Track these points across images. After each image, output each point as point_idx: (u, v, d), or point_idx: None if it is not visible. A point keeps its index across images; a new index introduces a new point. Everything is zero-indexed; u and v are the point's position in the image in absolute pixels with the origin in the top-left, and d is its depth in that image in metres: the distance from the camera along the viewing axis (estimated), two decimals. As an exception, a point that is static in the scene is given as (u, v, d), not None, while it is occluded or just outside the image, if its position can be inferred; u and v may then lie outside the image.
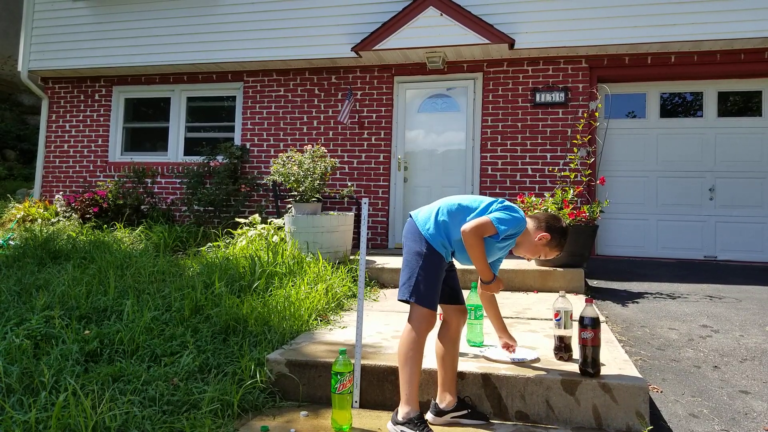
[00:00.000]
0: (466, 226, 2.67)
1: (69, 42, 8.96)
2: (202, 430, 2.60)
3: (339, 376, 2.66)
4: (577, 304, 3.79)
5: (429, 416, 2.79)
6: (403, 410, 2.61)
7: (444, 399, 2.78)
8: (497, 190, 7.64)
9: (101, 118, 9.32)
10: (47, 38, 9.07)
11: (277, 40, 8.10)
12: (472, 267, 2.84)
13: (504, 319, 4.21)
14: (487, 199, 2.81)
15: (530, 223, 2.82)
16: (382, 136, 8.07)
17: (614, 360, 3.12)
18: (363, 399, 3.02)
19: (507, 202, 2.76)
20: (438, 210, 2.79)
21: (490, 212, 2.73)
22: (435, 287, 2.73)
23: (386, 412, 2.93)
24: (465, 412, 2.78)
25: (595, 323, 2.79)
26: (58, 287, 4.46)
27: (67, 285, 4.53)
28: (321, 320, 4.14)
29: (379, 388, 3.03)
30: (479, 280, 2.87)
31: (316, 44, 7.94)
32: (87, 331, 3.55)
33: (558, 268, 5.53)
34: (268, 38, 8.14)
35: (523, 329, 3.92)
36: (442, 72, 7.90)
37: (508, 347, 3.13)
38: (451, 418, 2.77)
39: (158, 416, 2.65)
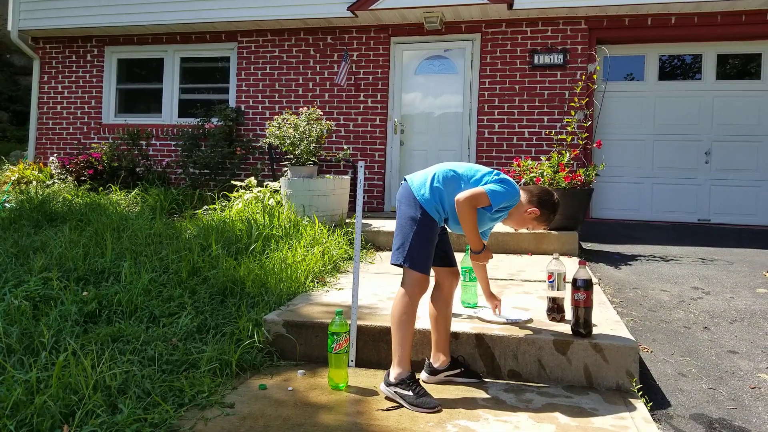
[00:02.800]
0: (460, 196, 2.67)
1: (60, 0, 8.76)
2: (201, 388, 2.66)
3: (335, 336, 2.70)
4: (570, 266, 3.83)
5: (423, 375, 2.84)
6: (395, 371, 2.66)
7: (438, 359, 2.83)
8: (494, 153, 7.62)
9: (94, 79, 9.19)
10: (36, -4, 8.87)
11: (271, -1, 7.94)
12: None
13: (498, 281, 4.27)
14: (483, 169, 2.81)
15: (523, 196, 2.83)
16: (379, 98, 8.00)
17: (606, 321, 3.17)
18: (359, 358, 3.08)
19: (502, 175, 2.76)
20: (434, 176, 2.79)
21: (485, 183, 2.72)
22: (428, 252, 2.75)
23: (381, 370, 2.99)
24: (458, 370, 2.84)
25: (587, 285, 2.83)
26: (56, 249, 4.48)
27: (64, 247, 4.54)
28: (318, 282, 4.18)
29: (374, 347, 3.08)
30: (469, 249, 2.87)
31: (311, 3, 7.78)
32: (85, 293, 3.58)
33: (552, 231, 5.57)
34: (262, -4, 7.99)
35: (517, 291, 3.97)
36: (439, 33, 7.78)
37: (495, 308, 3.17)
38: (445, 377, 2.83)
39: (158, 375, 2.70)
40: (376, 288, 4.03)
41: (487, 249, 2.85)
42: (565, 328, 2.99)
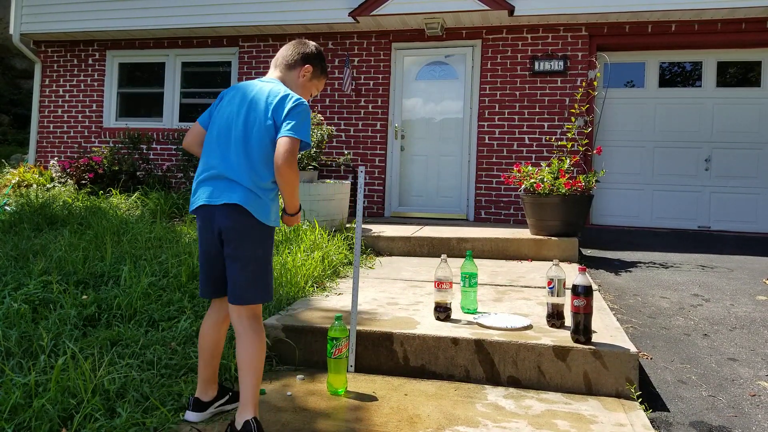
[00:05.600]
0: (278, 160, 2.23)
1: (61, 5, 8.78)
2: (199, 392, 2.65)
3: (335, 342, 2.70)
4: (570, 272, 3.83)
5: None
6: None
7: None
8: (494, 159, 7.63)
9: (95, 83, 9.21)
10: (40, 0, 8.88)
11: (273, 4, 7.96)
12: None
13: (498, 287, 4.27)
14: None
15: (280, 74, 2.52)
16: (379, 103, 8.01)
17: (606, 327, 3.17)
18: (358, 363, 3.08)
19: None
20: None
21: (282, 131, 2.26)
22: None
23: (381, 376, 2.99)
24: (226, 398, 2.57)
25: (587, 291, 2.82)
26: (55, 253, 4.47)
27: (64, 250, 4.54)
28: (317, 287, 4.17)
29: (374, 353, 3.08)
30: (283, 212, 2.45)
31: (312, 8, 7.81)
32: (85, 296, 3.58)
33: (552, 237, 5.57)
34: (264, 2, 8.00)
35: (517, 297, 3.97)
36: (440, 39, 7.80)
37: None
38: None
39: (156, 379, 2.70)
40: (376, 293, 4.03)
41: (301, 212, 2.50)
42: (565, 335, 2.99)
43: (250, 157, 2.30)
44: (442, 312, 3.28)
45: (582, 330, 2.86)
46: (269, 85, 2.42)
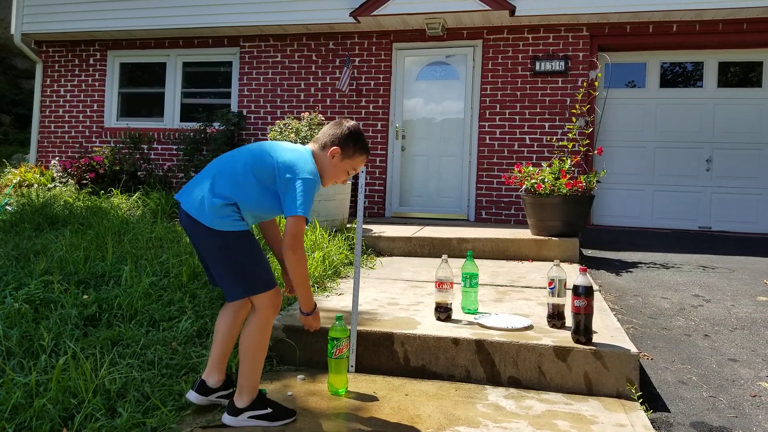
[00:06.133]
0: (285, 245, 2.29)
1: (62, 4, 8.79)
2: (200, 392, 2.65)
3: (335, 342, 2.70)
4: (571, 273, 3.83)
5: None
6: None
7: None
8: (495, 159, 7.63)
9: (96, 83, 9.21)
10: (41, 0, 8.89)
11: (274, 4, 7.96)
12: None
13: (499, 287, 4.27)
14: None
15: (315, 149, 2.50)
16: (380, 104, 8.01)
17: (606, 328, 3.17)
18: (359, 364, 3.08)
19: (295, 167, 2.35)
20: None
21: (289, 205, 2.30)
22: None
23: (381, 376, 2.99)
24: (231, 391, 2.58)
25: (588, 292, 2.82)
26: (56, 252, 4.48)
27: (65, 250, 4.54)
28: (318, 287, 4.17)
29: (374, 353, 3.08)
30: (300, 311, 2.47)
31: (313, 9, 7.81)
32: (86, 296, 3.58)
33: (553, 238, 5.57)
34: (265, 2, 8.01)
35: (518, 297, 3.97)
36: (441, 39, 7.80)
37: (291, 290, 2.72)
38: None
39: (157, 379, 2.70)
40: (376, 293, 4.03)
41: (317, 310, 2.49)
42: (566, 335, 2.99)
43: (223, 170, 2.39)
44: (443, 312, 3.29)
45: (583, 330, 2.86)
46: (294, 146, 2.49)
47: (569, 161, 5.94)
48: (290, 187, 2.30)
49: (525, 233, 5.90)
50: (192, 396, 2.49)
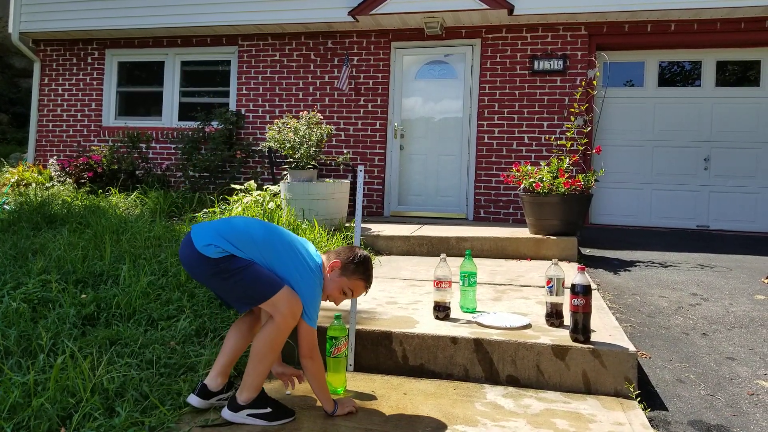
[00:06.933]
0: (303, 353, 2.42)
1: (60, 3, 8.77)
2: (199, 391, 2.65)
3: (334, 341, 2.70)
4: (569, 271, 3.83)
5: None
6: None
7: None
8: (493, 158, 7.63)
9: (94, 82, 9.20)
10: (38, -1, 8.89)
11: (273, 3, 7.95)
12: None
13: (497, 286, 4.27)
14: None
15: (326, 260, 2.59)
16: (379, 103, 8.01)
17: (605, 326, 3.17)
18: (357, 363, 3.08)
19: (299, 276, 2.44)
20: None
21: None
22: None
23: (380, 375, 2.99)
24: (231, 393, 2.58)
25: (586, 290, 2.83)
26: (54, 252, 4.47)
27: (63, 249, 4.54)
28: (316, 286, 4.17)
29: (373, 352, 3.08)
30: (326, 413, 2.49)
31: (312, 8, 7.81)
32: (84, 295, 3.58)
33: (551, 237, 5.57)
34: (264, 1, 8.00)
35: (516, 296, 3.97)
36: (440, 38, 7.80)
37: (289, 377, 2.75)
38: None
39: (156, 378, 2.70)
40: (375, 292, 4.02)
41: (342, 402, 2.51)
42: (564, 334, 2.99)
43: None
44: (441, 311, 3.29)
45: (581, 329, 2.86)
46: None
47: (568, 160, 5.94)
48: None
49: (523, 232, 5.90)
50: (193, 400, 2.50)
